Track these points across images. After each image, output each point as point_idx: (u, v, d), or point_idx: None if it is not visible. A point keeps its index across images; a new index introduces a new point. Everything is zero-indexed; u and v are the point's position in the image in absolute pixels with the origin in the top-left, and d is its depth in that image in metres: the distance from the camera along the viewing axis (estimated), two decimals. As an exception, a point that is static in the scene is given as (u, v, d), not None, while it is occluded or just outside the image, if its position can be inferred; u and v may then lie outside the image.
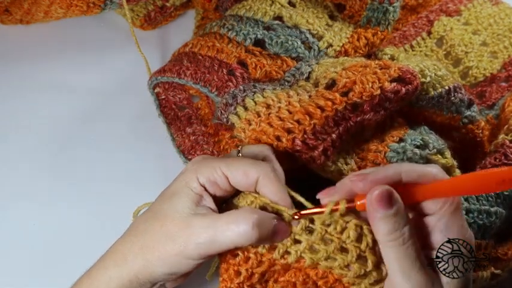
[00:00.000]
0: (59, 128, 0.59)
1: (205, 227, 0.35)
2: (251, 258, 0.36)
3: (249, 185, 0.36)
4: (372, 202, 0.33)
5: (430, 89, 0.48)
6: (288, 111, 0.42)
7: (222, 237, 0.34)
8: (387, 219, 0.32)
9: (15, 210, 0.54)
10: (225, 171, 0.36)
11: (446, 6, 0.64)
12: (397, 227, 0.32)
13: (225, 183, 0.37)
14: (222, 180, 0.36)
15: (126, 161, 0.57)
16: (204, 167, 0.37)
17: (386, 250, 0.33)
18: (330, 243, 0.35)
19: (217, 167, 0.36)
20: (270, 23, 0.53)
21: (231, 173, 0.36)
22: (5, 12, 0.63)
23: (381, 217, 0.33)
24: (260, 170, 0.36)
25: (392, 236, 0.33)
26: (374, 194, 0.32)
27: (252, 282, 0.37)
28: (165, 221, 0.36)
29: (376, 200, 0.32)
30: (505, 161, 0.48)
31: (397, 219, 0.32)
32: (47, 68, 0.63)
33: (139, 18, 0.65)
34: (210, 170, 0.36)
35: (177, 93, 0.59)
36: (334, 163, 0.43)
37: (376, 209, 0.33)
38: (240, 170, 0.36)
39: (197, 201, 0.36)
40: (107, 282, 0.37)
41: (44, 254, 0.51)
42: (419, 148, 0.44)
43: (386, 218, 0.32)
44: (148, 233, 0.37)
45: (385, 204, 0.32)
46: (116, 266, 0.37)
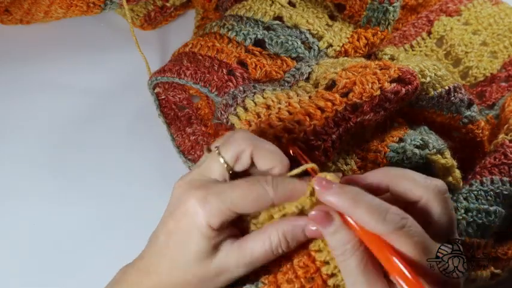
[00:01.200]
0: (59, 128, 0.59)
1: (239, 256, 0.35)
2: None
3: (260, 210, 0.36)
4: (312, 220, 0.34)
5: (430, 89, 0.48)
6: (288, 112, 0.42)
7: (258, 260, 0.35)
8: (329, 236, 0.34)
9: (14, 210, 0.54)
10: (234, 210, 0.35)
11: (446, 6, 0.64)
12: (339, 243, 0.33)
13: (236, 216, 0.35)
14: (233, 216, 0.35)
15: (126, 161, 0.57)
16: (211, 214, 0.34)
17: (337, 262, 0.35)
18: None
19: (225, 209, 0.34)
20: (270, 23, 0.53)
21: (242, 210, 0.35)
22: (5, 12, 0.63)
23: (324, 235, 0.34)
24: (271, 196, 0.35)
25: (336, 252, 0.34)
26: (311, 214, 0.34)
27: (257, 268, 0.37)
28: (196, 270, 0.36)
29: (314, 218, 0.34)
30: (505, 161, 0.48)
31: (337, 237, 0.33)
32: (46, 68, 0.63)
33: (139, 18, 0.65)
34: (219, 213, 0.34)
35: (177, 93, 0.59)
36: (334, 163, 0.43)
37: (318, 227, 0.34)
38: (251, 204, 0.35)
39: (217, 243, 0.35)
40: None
41: (44, 254, 0.51)
42: (419, 148, 0.44)
43: (328, 236, 0.34)
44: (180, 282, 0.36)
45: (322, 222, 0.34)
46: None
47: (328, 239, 0.34)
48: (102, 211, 0.54)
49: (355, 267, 0.33)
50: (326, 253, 0.35)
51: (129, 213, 0.53)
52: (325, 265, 0.35)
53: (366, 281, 0.33)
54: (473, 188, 0.46)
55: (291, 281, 0.36)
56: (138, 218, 0.52)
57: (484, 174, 0.47)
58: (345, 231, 0.33)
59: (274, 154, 0.36)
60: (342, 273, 0.34)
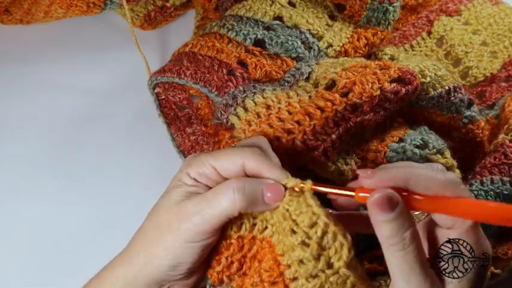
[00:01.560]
0: (59, 128, 0.59)
1: (195, 204, 0.36)
2: (232, 244, 0.37)
3: (238, 172, 0.36)
4: (372, 205, 0.33)
5: (430, 89, 0.48)
6: (288, 112, 0.42)
7: (211, 209, 0.35)
8: (387, 223, 0.32)
9: (14, 210, 0.54)
10: (212, 163, 0.37)
11: (446, 6, 0.64)
12: (396, 232, 0.32)
13: (214, 174, 0.37)
14: (211, 171, 0.37)
15: (126, 160, 0.57)
16: (193, 163, 0.37)
17: (387, 253, 0.33)
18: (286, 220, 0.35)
19: (205, 160, 0.37)
20: (270, 23, 0.53)
21: (218, 163, 0.37)
22: (5, 12, 0.63)
23: (380, 220, 0.32)
24: (244, 155, 0.36)
25: (392, 241, 0.32)
26: (374, 198, 0.32)
27: (231, 272, 0.37)
28: (160, 212, 0.37)
29: (376, 203, 0.32)
30: (505, 160, 0.48)
31: (397, 224, 0.32)
32: (46, 68, 0.63)
33: (139, 18, 0.65)
34: (199, 163, 0.37)
35: (177, 93, 0.59)
36: (334, 163, 0.43)
37: (376, 212, 0.32)
38: (225, 158, 0.37)
39: (190, 191, 0.37)
40: (113, 282, 0.37)
41: (44, 254, 0.51)
42: (419, 148, 0.44)
43: (386, 222, 0.32)
44: (149, 228, 0.38)
45: (385, 208, 0.32)
46: (121, 265, 0.38)
47: (383, 227, 0.32)
48: (102, 211, 0.54)
49: (415, 256, 0.32)
50: (287, 256, 0.35)
51: (129, 213, 0.53)
52: (288, 268, 0.35)
53: (423, 271, 0.32)
54: (473, 188, 0.46)
55: (255, 284, 0.36)
56: (138, 218, 0.52)
57: (484, 174, 0.47)
58: (406, 218, 0.32)
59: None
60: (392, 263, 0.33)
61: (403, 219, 0.32)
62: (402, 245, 0.32)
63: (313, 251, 0.33)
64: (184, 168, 0.38)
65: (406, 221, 0.32)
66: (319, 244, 0.34)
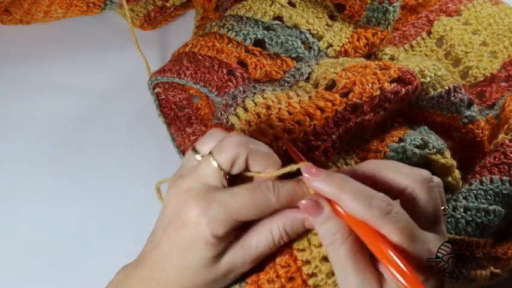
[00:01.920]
0: (59, 128, 0.59)
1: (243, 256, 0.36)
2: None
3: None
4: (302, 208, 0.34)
5: (430, 89, 0.48)
6: (288, 112, 0.42)
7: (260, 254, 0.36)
8: (318, 225, 0.34)
9: (14, 210, 0.54)
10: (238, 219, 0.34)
11: (446, 6, 0.64)
12: (328, 233, 0.34)
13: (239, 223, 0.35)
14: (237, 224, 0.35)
15: (125, 161, 0.57)
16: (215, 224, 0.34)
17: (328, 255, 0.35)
18: None
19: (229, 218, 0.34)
20: (270, 23, 0.53)
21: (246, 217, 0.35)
22: (5, 12, 0.63)
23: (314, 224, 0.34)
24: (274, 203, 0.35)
25: (325, 241, 0.34)
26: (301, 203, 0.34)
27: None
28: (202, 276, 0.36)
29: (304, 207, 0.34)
30: (505, 160, 0.48)
31: (327, 227, 0.34)
32: (46, 68, 0.63)
33: (139, 18, 0.65)
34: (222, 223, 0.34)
35: (177, 93, 0.59)
36: (334, 163, 0.43)
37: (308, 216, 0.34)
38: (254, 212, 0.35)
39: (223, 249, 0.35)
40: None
41: (43, 254, 0.51)
42: (419, 148, 0.45)
43: (317, 225, 0.34)
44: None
45: (312, 212, 0.34)
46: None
47: (317, 228, 0.34)
48: (102, 211, 0.54)
49: (345, 256, 0.33)
50: (308, 252, 0.35)
51: (129, 213, 0.53)
52: (306, 264, 0.35)
53: (355, 270, 0.33)
54: (472, 187, 0.46)
55: (271, 280, 0.36)
56: (138, 218, 0.52)
57: (483, 173, 0.47)
58: (334, 221, 0.33)
59: (268, 157, 0.36)
60: (331, 262, 0.34)
61: (332, 221, 0.33)
62: (333, 246, 0.33)
63: None
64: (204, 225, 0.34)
65: (335, 223, 0.33)
66: None
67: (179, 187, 0.36)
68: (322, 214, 0.34)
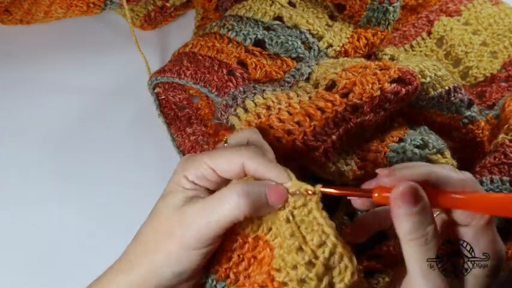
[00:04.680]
0: (58, 128, 0.59)
1: (198, 210, 0.35)
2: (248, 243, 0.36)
3: (237, 172, 0.36)
4: (396, 197, 0.32)
5: (430, 89, 0.48)
6: (288, 113, 0.42)
7: (215, 215, 0.34)
8: (410, 216, 0.32)
9: (14, 210, 0.54)
10: (209, 164, 0.36)
11: (446, 6, 0.64)
12: (420, 226, 0.32)
13: (213, 176, 0.36)
14: (209, 173, 0.36)
15: (125, 161, 0.57)
16: (189, 165, 0.37)
17: (407, 248, 0.33)
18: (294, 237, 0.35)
19: (201, 162, 0.36)
20: (270, 23, 0.53)
21: (216, 164, 0.36)
22: (5, 12, 0.63)
23: (403, 214, 0.32)
24: (242, 155, 0.35)
25: (414, 235, 0.32)
26: (399, 190, 0.32)
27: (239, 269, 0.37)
28: (160, 219, 0.36)
29: (401, 195, 0.32)
30: (505, 160, 0.48)
31: (421, 218, 0.32)
32: (46, 68, 0.63)
33: (139, 18, 0.65)
34: (195, 165, 0.36)
35: (177, 93, 0.59)
36: (335, 164, 0.43)
37: (400, 205, 0.32)
38: (222, 159, 0.36)
39: (191, 196, 0.36)
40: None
41: (43, 255, 0.51)
42: (419, 148, 0.45)
43: (409, 216, 0.32)
44: (149, 236, 0.37)
45: (409, 201, 0.32)
46: (123, 272, 0.37)
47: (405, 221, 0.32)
48: (102, 211, 0.54)
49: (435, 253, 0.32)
50: (285, 273, 0.34)
51: (129, 213, 0.53)
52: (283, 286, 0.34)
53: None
54: (473, 188, 0.46)
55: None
56: (138, 218, 0.52)
57: (483, 173, 0.48)
58: (430, 212, 0.32)
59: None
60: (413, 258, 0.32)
61: (426, 213, 0.32)
62: (424, 240, 0.32)
63: (318, 271, 0.33)
64: (181, 171, 0.37)
65: (428, 216, 0.32)
66: (325, 265, 0.33)
67: None
68: (419, 203, 0.32)
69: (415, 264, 0.32)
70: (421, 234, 0.32)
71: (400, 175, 0.33)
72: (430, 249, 0.32)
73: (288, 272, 0.34)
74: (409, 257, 0.33)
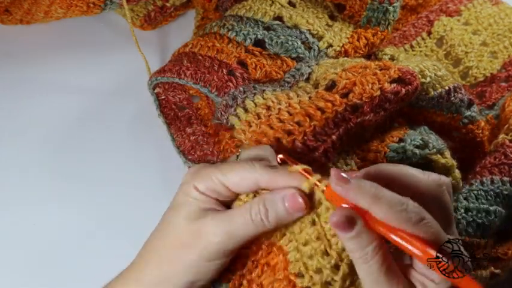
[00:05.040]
0: (58, 128, 0.59)
1: (219, 223, 0.35)
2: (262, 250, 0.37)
3: (250, 188, 0.36)
4: (333, 225, 0.33)
5: (430, 89, 0.48)
6: (288, 113, 0.42)
7: (239, 230, 0.35)
8: (349, 240, 0.33)
9: (14, 210, 0.54)
10: (222, 180, 0.36)
11: (446, 6, 0.64)
12: (358, 247, 0.33)
13: (225, 191, 0.37)
14: (221, 188, 0.36)
15: (125, 161, 0.57)
16: (200, 177, 0.37)
17: (355, 266, 0.34)
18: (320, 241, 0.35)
19: (213, 176, 0.36)
20: (270, 23, 0.53)
21: (228, 181, 0.36)
22: (5, 12, 0.63)
23: (342, 237, 0.34)
24: (255, 172, 0.36)
25: (355, 255, 0.33)
26: (333, 220, 0.33)
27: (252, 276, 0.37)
28: (174, 230, 0.36)
29: (335, 224, 0.33)
30: (505, 160, 0.48)
31: (358, 240, 0.33)
32: (46, 68, 0.63)
33: (139, 18, 0.65)
34: (207, 179, 0.36)
35: (177, 93, 0.59)
36: (335, 164, 0.43)
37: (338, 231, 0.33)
38: (236, 176, 0.36)
39: (203, 208, 0.36)
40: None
41: (43, 255, 0.51)
42: (419, 148, 0.45)
43: (347, 239, 0.33)
44: (162, 247, 0.37)
45: (344, 228, 0.33)
46: (136, 281, 0.37)
47: (346, 243, 0.33)
48: (102, 211, 0.54)
49: (378, 268, 0.33)
50: (308, 278, 0.34)
51: (129, 213, 0.53)
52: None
53: (389, 281, 0.33)
54: (473, 188, 0.46)
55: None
56: (138, 219, 0.52)
57: (484, 174, 0.47)
58: (366, 234, 0.33)
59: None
60: (361, 274, 0.34)
61: (363, 235, 0.33)
62: (365, 259, 0.33)
63: (344, 272, 0.34)
64: (191, 181, 0.37)
65: (367, 237, 0.33)
66: (349, 266, 0.34)
67: None
68: (354, 229, 0.33)
69: (363, 280, 0.34)
70: (361, 254, 0.33)
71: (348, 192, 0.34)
72: (371, 266, 0.33)
73: (312, 276, 0.34)
74: (358, 274, 0.34)
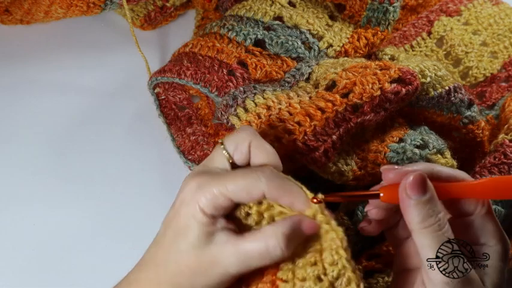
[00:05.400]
0: (58, 128, 0.59)
1: (235, 253, 0.34)
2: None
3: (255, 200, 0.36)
4: (406, 188, 0.33)
5: (430, 89, 0.48)
6: (289, 113, 0.42)
7: (254, 261, 0.34)
8: (421, 205, 0.33)
9: (15, 210, 0.54)
10: (227, 195, 0.35)
11: (446, 6, 0.64)
12: (432, 213, 0.33)
13: (230, 204, 0.35)
14: (227, 202, 0.35)
15: (125, 161, 0.57)
16: (205, 197, 0.35)
17: (421, 238, 0.33)
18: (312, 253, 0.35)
19: (218, 193, 0.35)
20: (270, 23, 0.53)
21: (235, 195, 0.35)
22: (5, 12, 0.63)
23: (414, 203, 0.33)
24: (262, 183, 0.35)
25: (427, 223, 0.33)
26: (408, 180, 0.33)
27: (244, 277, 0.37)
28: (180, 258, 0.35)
29: (410, 185, 0.33)
30: (505, 160, 0.48)
31: (431, 206, 0.33)
32: (46, 68, 0.63)
33: (139, 18, 0.65)
34: (212, 197, 0.35)
35: (177, 93, 0.59)
36: (335, 164, 0.43)
37: (410, 195, 0.33)
38: (242, 191, 0.35)
39: (209, 231, 0.35)
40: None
41: (43, 255, 0.51)
42: (419, 148, 0.45)
43: (420, 204, 0.33)
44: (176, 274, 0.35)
45: (419, 190, 0.33)
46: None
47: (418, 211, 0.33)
48: (102, 211, 0.54)
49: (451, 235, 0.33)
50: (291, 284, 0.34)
51: (129, 213, 0.53)
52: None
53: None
54: (472, 188, 0.46)
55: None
56: (138, 218, 0.52)
57: (483, 173, 0.48)
58: (437, 201, 0.33)
59: (269, 151, 0.36)
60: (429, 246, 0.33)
61: (435, 201, 0.33)
62: (438, 225, 0.33)
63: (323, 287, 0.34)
64: (195, 203, 0.35)
65: (438, 204, 0.33)
66: (331, 283, 0.34)
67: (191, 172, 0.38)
68: (427, 192, 0.33)
69: (429, 252, 0.33)
70: (434, 221, 0.33)
71: (404, 169, 0.35)
72: (445, 233, 0.33)
73: (295, 283, 0.34)
74: (423, 246, 0.33)
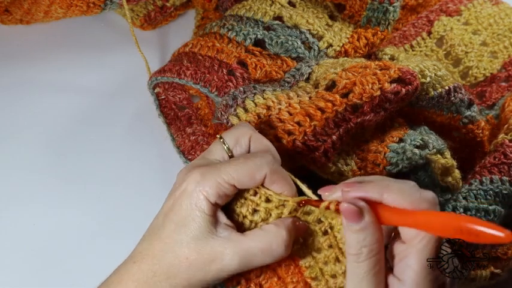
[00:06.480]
0: (58, 128, 0.59)
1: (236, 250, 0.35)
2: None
3: (256, 185, 0.36)
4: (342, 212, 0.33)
5: (430, 89, 0.48)
6: (288, 113, 0.42)
7: (256, 259, 0.35)
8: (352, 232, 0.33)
9: (15, 210, 0.54)
10: (231, 181, 0.35)
11: (446, 6, 0.64)
12: (356, 243, 0.33)
13: (233, 191, 0.36)
14: (230, 189, 0.35)
15: (125, 161, 0.57)
16: (210, 185, 0.35)
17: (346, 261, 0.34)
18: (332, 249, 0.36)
19: (222, 180, 0.35)
20: (270, 23, 0.53)
21: (238, 181, 0.35)
22: (5, 12, 0.63)
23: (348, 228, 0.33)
24: (264, 169, 0.35)
25: (350, 250, 0.33)
26: (344, 207, 0.33)
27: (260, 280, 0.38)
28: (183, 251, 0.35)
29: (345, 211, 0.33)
30: (505, 160, 0.48)
31: (360, 236, 0.33)
32: (46, 68, 0.63)
33: (139, 18, 0.65)
34: (217, 185, 0.35)
35: (177, 93, 0.59)
36: (335, 164, 0.43)
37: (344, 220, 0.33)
38: (245, 177, 0.35)
39: (214, 223, 0.35)
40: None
41: (43, 255, 0.51)
42: (419, 148, 0.45)
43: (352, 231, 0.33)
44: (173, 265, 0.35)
45: (352, 218, 0.33)
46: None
47: (348, 235, 0.33)
48: (102, 211, 0.54)
49: (366, 272, 0.33)
50: (324, 282, 0.35)
51: (129, 213, 0.53)
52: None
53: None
54: (472, 187, 0.46)
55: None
56: (138, 218, 0.52)
57: (483, 173, 0.47)
58: (370, 233, 0.32)
59: (270, 145, 0.38)
60: (348, 271, 0.34)
61: (367, 232, 0.32)
62: (357, 257, 0.33)
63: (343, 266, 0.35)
64: (200, 192, 0.35)
65: (369, 236, 0.33)
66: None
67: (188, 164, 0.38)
68: (360, 222, 0.32)
69: (347, 277, 0.34)
70: (356, 251, 0.33)
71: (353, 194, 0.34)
72: (360, 268, 0.33)
73: (328, 280, 0.36)
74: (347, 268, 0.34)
